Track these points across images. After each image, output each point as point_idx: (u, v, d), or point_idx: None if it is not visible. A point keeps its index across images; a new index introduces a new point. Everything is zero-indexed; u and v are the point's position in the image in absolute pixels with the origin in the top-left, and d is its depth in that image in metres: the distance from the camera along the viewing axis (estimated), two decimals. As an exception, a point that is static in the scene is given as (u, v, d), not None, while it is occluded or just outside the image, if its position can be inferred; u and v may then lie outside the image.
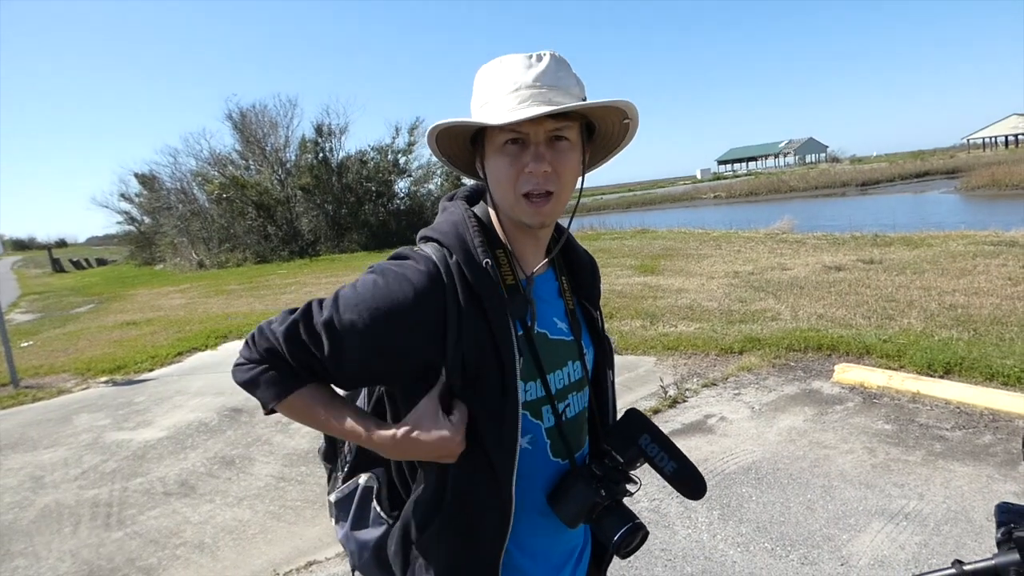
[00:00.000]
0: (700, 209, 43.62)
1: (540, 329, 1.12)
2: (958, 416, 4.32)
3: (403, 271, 1.02)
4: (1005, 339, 5.56)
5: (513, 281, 1.08)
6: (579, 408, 1.19)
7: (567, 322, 1.18)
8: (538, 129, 1.00)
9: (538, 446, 1.11)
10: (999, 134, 76.37)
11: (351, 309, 1.00)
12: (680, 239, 16.50)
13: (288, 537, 3.60)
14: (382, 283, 1.01)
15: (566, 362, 1.16)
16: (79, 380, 7.77)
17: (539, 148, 1.01)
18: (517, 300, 1.06)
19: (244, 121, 31.43)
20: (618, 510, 1.09)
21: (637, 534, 1.08)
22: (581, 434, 1.20)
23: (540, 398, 1.10)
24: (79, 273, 41.29)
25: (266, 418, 5.62)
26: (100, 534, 3.80)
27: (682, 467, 1.08)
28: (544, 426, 1.11)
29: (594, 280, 1.28)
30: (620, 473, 1.12)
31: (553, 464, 1.13)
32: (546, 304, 1.16)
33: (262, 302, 13.35)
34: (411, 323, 1.00)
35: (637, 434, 1.10)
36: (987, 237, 11.76)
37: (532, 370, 1.08)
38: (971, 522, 3.10)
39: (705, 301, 8.46)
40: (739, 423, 4.56)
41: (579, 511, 1.08)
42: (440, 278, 1.02)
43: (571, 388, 1.17)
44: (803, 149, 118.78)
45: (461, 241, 1.05)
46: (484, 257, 1.04)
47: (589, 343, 1.23)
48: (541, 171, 1.00)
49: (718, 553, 3.07)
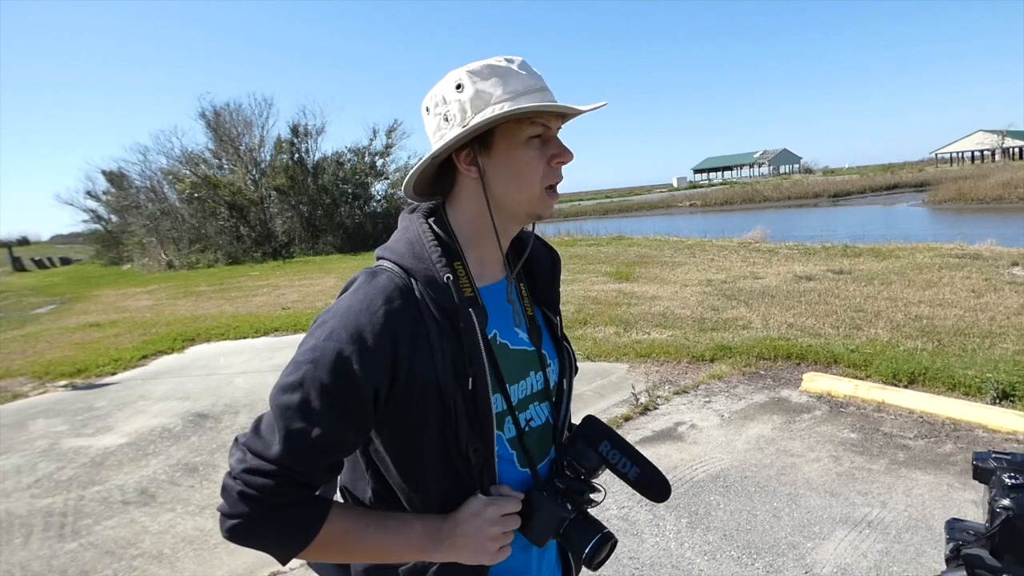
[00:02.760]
0: (676, 217, 44.06)
1: (501, 340, 1.10)
2: (921, 425, 4.38)
3: (366, 304, 0.98)
4: (967, 350, 5.67)
5: (471, 293, 1.06)
6: (542, 419, 1.17)
7: (527, 331, 1.16)
8: (557, 125, 1.07)
9: (506, 458, 1.09)
10: (966, 149, 78.53)
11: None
12: (655, 246, 16.63)
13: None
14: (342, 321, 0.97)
15: (527, 373, 1.14)
16: (36, 384, 7.58)
17: (559, 142, 1.08)
18: (478, 312, 1.05)
19: (218, 120, 31.02)
20: (585, 522, 1.06)
21: (607, 545, 1.05)
22: (545, 445, 1.18)
23: (503, 410, 1.08)
24: (41, 272, 40.40)
25: (233, 424, 5.52)
26: (53, 545, 3.69)
27: (645, 471, 1.06)
28: (506, 437, 1.09)
29: (553, 279, 1.25)
30: (583, 483, 1.09)
31: (522, 474, 1.11)
32: (505, 314, 1.14)
33: (232, 304, 13.15)
34: (385, 353, 0.96)
35: (597, 441, 1.08)
36: (952, 250, 12.02)
37: (494, 382, 1.06)
38: (931, 530, 3.14)
39: (678, 309, 8.52)
40: (709, 431, 4.58)
41: (547, 529, 1.05)
42: (404, 305, 0.98)
43: (533, 399, 1.15)
44: (777, 160, 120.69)
45: (419, 260, 1.03)
46: (445, 272, 1.01)
47: (553, 353, 1.21)
48: (570, 160, 1.07)
49: (685, 561, 3.07)
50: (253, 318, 10.73)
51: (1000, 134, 74.94)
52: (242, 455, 0.95)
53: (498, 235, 1.09)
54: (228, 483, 0.94)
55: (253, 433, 0.96)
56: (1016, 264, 9.97)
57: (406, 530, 1.02)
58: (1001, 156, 72.41)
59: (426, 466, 1.02)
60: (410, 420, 0.99)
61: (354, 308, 0.96)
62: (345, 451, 0.99)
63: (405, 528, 1.02)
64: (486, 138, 1.05)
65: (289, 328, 9.56)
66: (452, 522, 1.01)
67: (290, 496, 0.94)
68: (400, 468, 1.05)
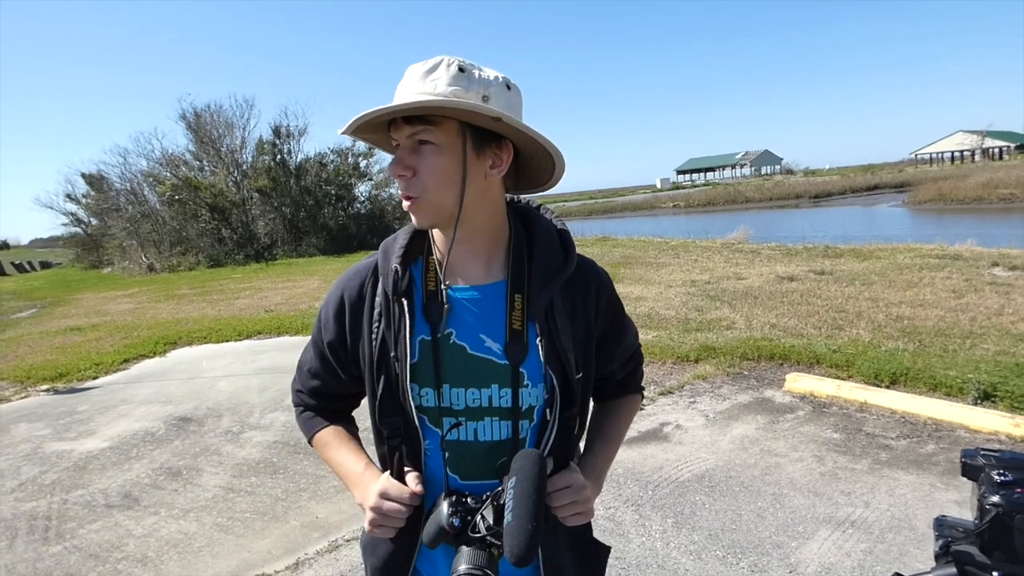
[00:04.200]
0: (659, 218, 44.25)
1: (459, 341, 1.09)
2: (903, 425, 4.44)
3: (341, 279, 1.21)
4: (948, 350, 5.75)
5: (433, 288, 1.11)
6: (494, 436, 1.10)
7: (504, 343, 1.09)
8: (401, 135, 1.03)
9: (434, 456, 1.11)
10: (945, 150, 79.55)
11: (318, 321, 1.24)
12: (640, 247, 16.70)
13: (236, 550, 3.50)
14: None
15: (489, 384, 1.09)
16: (18, 388, 7.47)
17: (400, 152, 1.04)
18: (432, 306, 1.10)
19: (199, 121, 30.74)
20: (467, 550, 0.98)
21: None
22: (491, 463, 1.11)
23: (435, 407, 1.09)
24: (21, 276, 39.84)
25: (216, 427, 5.48)
26: (37, 548, 3.64)
27: (513, 525, 0.91)
28: (439, 436, 1.10)
29: (544, 292, 1.10)
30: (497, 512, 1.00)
31: (451, 479, 1.10)
32: (475, 317, 1.10)
33: (214, 307, 13.03)
34: (340, 316, 1.18)
35: (512, 474, 0.97)
36: (933, 251, 12.15)
37: (429, 376, 1.08)
38: (914, 530, 3.18)
39: (663, 309, 8.56)
40: (694, 431, 4.61)
41: (432, 531, 1.01)
42: (363, 282, 1.16)
43: (490, 412, 1.09)
44: (759, 161, 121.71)
45: (386, 250, 1.16)
46: (396, 262, 1.10)
47: (539, 376, 1.08)
48: (396, 174, 1.04)
49: (671, 561, 3.08)
50: (235, 321, 10.64)
51: (980, 134, 76.07)
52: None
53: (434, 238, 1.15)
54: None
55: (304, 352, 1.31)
56: (996, 264, 10.11)
57: (342, 465, 1.22)
58: (981, 156, 73.46)
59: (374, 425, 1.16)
60: (364, 381, 1.16)
61: (336, 281, 1.21)
62: (327, 386, 1.25)
63: (343, 464, 1.22)
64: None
65: (272, 331, 9.49)
66: (364, 479, 1.16)
67: (304, 402, 1.31)
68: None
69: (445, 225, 1.09)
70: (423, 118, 1.00)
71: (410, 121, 1.00)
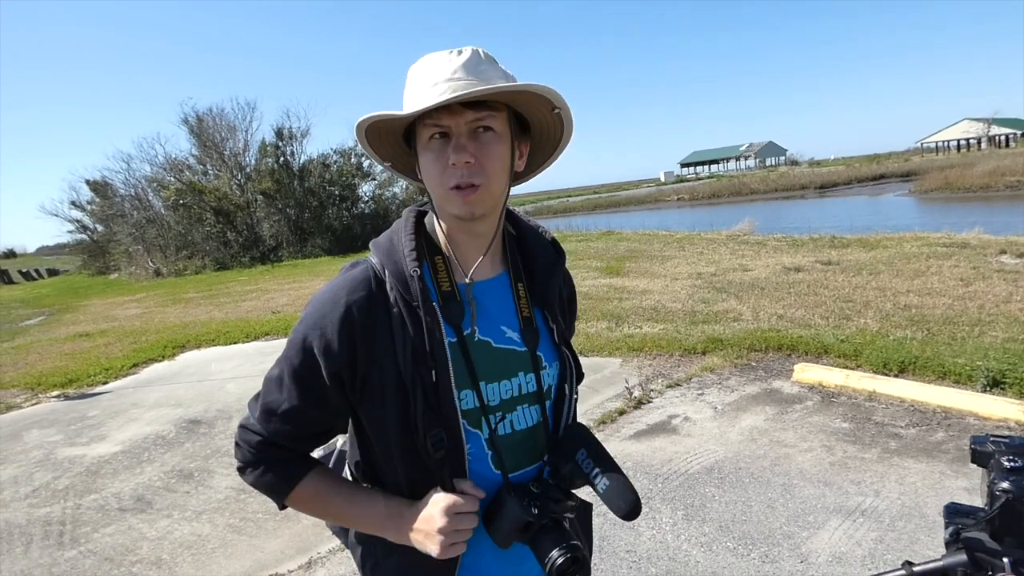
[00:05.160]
0: (664, 211, 44.16)
1: (483, 337, 1.09)
2: (912, 414, 4.43)
3: (333, 293, 1.05)
4: (957, 338, 5.73)
5: (449, 287, 1.07)
6: (529, 423, 1.13)
7: (519, 331, 1.12)
8: (458, 121, 0.98)
9: (479, 457, 1.08)
10: (951, 138, 79.08)
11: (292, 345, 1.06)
12: (645, 241, 16.66)
13: (249, 551, 3.52)
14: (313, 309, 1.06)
15: (516, 373, 1.11)
16: (29, 395, 7.52)
17: (460, 140, 0.99)
18: (451, 306, 1.05)
19: (201, 125, 30.84)
20: (555, 530, 1.02)
21: (570, 557, 0.99)
22: (532, 448, 1.14)
23: (475, 408, 1.06)
24: (29, 284, 40.03)
25: (226, 429, 5.50)
26: (53, 553, 3.68)
27: (613, 485, 0.99)
28: (483, 437, 1.08)
29: (550, 280, 1.17)
30: (560, 491, 1.07)
31: (496, 476, 1.09)
32: (493, 311, 1.11)
33: (222, 310, 13.08)
34: (349, 337, 1.03)
35: (575, 449, 1.05)
36: (940, 239, 12.07)
37: (466, 378, 1.05)
38: (924, 518, 3.18)
39: (669, 302, 8.55)
40: (702, 423, 4.61)
41: (509, 530, 1.02)
42: (370, 294, 1.04)
43: (520, 400, 1.12)
44: (763, 152, 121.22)
45: (392, 252, 1.07)
46: (413, 266, 1.03)
47: (553, 356, 1.16)
48: (463, 162, 0.98)
49: (682, 553, 3.09)
50: (243, 323, 10.68)
51: (986, 122, 75.58)
52: (247, 413, 1.10)
53: (448, 234, 1.10)
54: (236, 433, 1.11)
55: (255, 397, 1.11)
56: (1004, 252, 10.05)
57: (370, 505, 1.09)
58: (987, 144, 73.02)
59: (393, 452, 1.07)
60: (376, 404, 1.04)
61: (323, 297, 1.05)
62: (312, 424, 1.09)
63: (370, 504, 1.10)
64: (411, 141, 1.06)
65: (279, 332, 9.52)
66: (412, 509, 1.05)
67: (272, 454, 1.09)
68: (376, 447, 1.10)
69: (490, 215, 1.07)
70: (488, 104, 0.98)
71: (474, 107, 0.97)
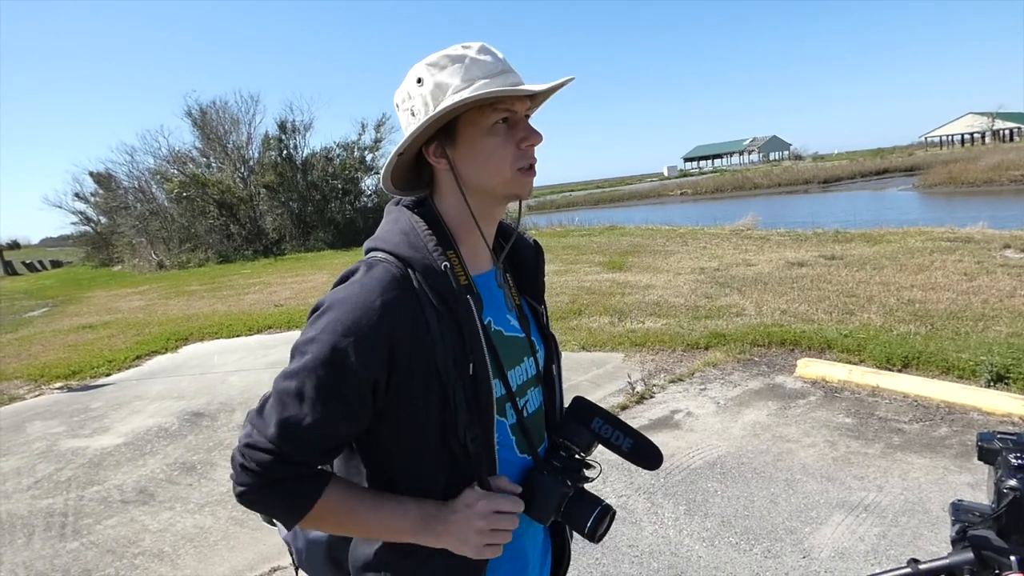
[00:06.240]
0: (667, 206, 44.11)
1: (496, 327, 1.12)
2: (915, 409, 4.42)
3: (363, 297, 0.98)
4: (960, 333, 5.71)
5: (466, 281, 1.07)
6: (537, 404, 1.20)
7: (516, 318, 1.19)
8: (525, 107, 1.06)
9: (505, 444, 1.11)
10: (955, 132, 78.80)
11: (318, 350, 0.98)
12: (648, 236, 16.63)
13: (251, 543, 3.52)
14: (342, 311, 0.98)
15: (522, 358, 1.17)
16: (32, 386, 7.54)
17: (526, 124, 1.07)
18: (474, 299, 1.06)
19: (204, 118, 30.74)
20: (584, 497, 1.10)
21: (606, 516, 1.08)
22: (541, 429, 1.21)
23: (502, 396, 1.09)
24: (33, 276, 40.12)
25: (228, 422, 5.51)
26: (55, 545, 3.69)
27: (638, 443, 1.13)
28: (508, 423, 1.11)
29: (537, 271, 1.27)
30: (578, 461, 1.14)
31: (520, 460, 1.13)
32: (497, 301, 1.16)
33: (224, 303, 13.10)
34: (388, 343, 0.97)
35: (588, 419, 1.15)
36: (944, 233, 12.06)
37: (494, 368, 1.07)
38: (928, 513, 3.17)
39: (672, 297, 8.54)
40: (705, 418, 4.61)
41: (549, 507, 1.07)
42: (406, 293, 0.99)
43: (528, 384, 1.18)
44: (767, 147, 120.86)
45: (416, 250, 1.03)
46: (442, 260, 1.02)
47: (539, 340, 1.23)
48: (538, 142, 1.06)
49: (684, 548, 3.09)
50: (246, 316, 10.69)
51: (990, 116, 75.25)
52: (248, 430, 0.99)
53: (478, 223, 1.10)
54: (235, 454, 0.99)
55: (258, 411, 1.00)
56: (1008, 246, 10.02)
57: (401, 511, 1.03)
58: (991, 138, 72.78)
59: (427, 455, 1.03)
60: (411, 410, 1.00)
61: (351, 300, 0.97)
62: (339, 439, 1.01)
63: (400, 509, 1.03)
64: (451, 129, 1.05)
65: (282, 325, 9.53)
66: (447, 509, 1.03)
67: (286, 472, 0.97)
68: (402, 457, 1.06)
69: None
70: (530, 97, 1.07)
71: (531, 98, 1.07)
